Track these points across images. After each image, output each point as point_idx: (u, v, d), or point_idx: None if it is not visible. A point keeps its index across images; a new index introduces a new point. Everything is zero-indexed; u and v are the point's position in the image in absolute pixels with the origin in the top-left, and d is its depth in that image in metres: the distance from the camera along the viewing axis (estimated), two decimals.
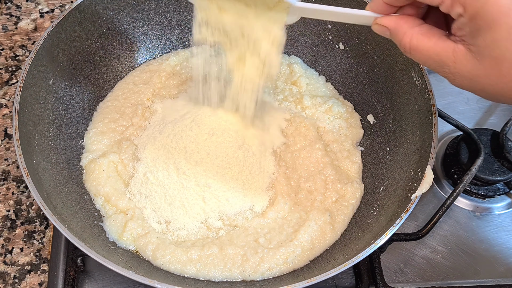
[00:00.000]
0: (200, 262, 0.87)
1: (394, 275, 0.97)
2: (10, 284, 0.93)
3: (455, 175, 1.06)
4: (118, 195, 0.94)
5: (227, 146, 0.94)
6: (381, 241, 0.78)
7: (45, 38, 0.91)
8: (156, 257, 0.88)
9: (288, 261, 0.88)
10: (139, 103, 1.06)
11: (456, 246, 1.01)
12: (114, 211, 0.93)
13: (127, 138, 1.01)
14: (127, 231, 0.90)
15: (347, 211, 0.94)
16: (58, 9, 1.29)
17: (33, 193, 0.78)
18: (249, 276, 0.87)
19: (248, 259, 0.87)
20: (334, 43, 1.10)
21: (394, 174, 0.94)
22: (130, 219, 0.92)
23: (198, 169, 0.92)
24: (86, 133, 1.02)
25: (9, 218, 1.00)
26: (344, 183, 0.97)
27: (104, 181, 0.95)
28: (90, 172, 0.96)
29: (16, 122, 0.82)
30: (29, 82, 0.88)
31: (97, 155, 0.98)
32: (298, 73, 1.11)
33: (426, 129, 0.89)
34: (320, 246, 0.91)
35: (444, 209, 0.92)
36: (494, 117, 1.17)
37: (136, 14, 1.08)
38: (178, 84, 1.09)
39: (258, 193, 0.95)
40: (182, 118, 0.97)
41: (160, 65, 1.11)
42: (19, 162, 0.79)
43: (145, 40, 1.12)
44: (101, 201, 0.94)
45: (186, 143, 0.93)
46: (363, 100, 1.07)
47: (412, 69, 0.94)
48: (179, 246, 0.89)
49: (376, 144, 1.02)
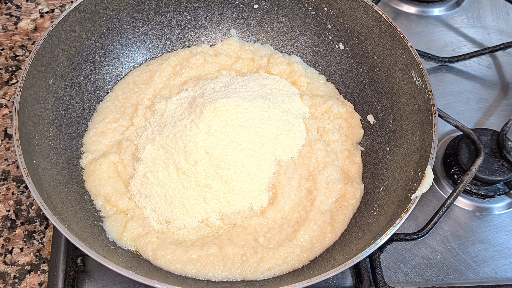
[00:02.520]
0: (200, 262, 0.88)
1: (394, 275, 0.97)
2: (10, 284, 0.93)
3: (455, 175, 1.06)
4: (118, 195, 0.94)
5: (226, 146, 0.94)
6: (381, 241, 0.78)
7: (45, 38, 0.91)
8: (157, 257, 0.88)
9: (288, 261, 0.88)
10: (140, 103, 1.06)
11: (456, 246, 1.01)
12: (114, 211, 0.93)
13: (127, 138, 1.01)
14: (127, 231, 0.90)
15: (347, 211, 0.94)
16: (58, 9, 1.29)
17: (33, 193, 0.78)
18: (249, 276, 0.87)
19: (247, 258, 0.88)
20: (334, 43, 1.10)
21: (394, 174, 0.94)
22: (130, 219, 0.92)
23: (198, 169, 0.92)
24: (86, 133, 1.02)
25: (9, 218, 1.00)
26: (344, 183, 0.97)
27: (104, 181, 0.95)
28: (91, 172, 0.96)
29: (16, 122, 0.82)
30: (29, 82, 0.88)
31: (97, 156, 0.98)
32: (298, 72, 1.11)
33: (426, 129, 0.89)
34: (320, 246, 0.91)
35: (444, 209, 0.93)
36: (494, 117, 1.17)
37: (136, 14, 1.08)
38: (179, 84, 1.09)
39: (257, 193, 0.95)
40: (181, 118, 0.97)
41: (160, 65, 1.11)
42: (19, 162, 0.79)
43: (145, 40, 1.12)
44: (101, 201, 0.94)
45: (186, 143, 0.93)
46: (363, 100, 1.07)
47: (412, 69, 0.94)
48: (179, 246, 0.90)
49: (376, 144, 1.02)
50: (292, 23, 1.13)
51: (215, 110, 0.95)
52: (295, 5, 1.10)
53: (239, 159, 0.94)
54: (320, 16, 1.09)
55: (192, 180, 0.92)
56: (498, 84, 1.23)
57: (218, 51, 1.15)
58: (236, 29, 1.16)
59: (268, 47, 1.16)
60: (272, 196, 0.96)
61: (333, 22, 1.08)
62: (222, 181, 0.92)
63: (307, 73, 1.13)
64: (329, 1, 1.06)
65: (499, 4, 1.36)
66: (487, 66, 1.26)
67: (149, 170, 0.95)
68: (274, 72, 1.11)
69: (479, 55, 1.23)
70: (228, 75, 1.11)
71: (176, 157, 0.93)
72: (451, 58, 1.22)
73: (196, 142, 0.93)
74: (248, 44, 1.16)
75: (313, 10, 1.09)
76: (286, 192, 0.95)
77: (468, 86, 1.22)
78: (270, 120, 0.98)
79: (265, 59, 1.14)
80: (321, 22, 1.10)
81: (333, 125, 1.05)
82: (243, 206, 0.94)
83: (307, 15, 1.10)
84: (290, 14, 1.12)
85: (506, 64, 1.26)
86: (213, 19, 1.15)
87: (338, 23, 1.07)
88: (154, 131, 0.99)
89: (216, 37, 1.17)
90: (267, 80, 1.08)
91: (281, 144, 0.99)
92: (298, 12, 1.11)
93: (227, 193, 0.93)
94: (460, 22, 1.33)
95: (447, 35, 1.31)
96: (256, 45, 1.16)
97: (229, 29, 1.16)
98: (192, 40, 1.16)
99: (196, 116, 0.95)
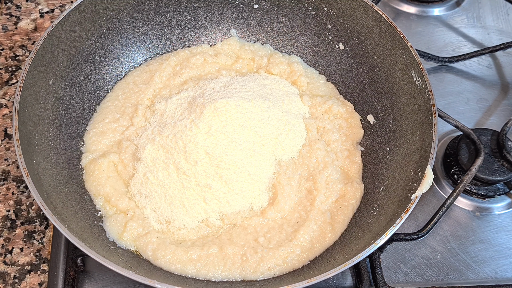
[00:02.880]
0: (200, 262, 0.87)
1: (394, 275, 0.97)
2: (10, 284, 0.93)
3: (455, 175, 1.06)
4: (118, 195, 0.94)
5: (227, 146, 0.94)
6: (381, 241, 0.78)
7: (45, 38, 0.91)
8: (157, 257, 0.88)
9: (288, 261, 0.88)
10: (140, 103, 1.06)
11: (456, 246, 1.01)
12: (114, 211, 0.93)
13: (127, 138, 1.01)
14: (127, 231, 0.90)
15: (347, 211, 0.94)
16: (58, 9, 1.29)
17: (33, 193, 0.78)
18: (249, 276, 0.87)
19: (247, 258, 0.88)
20: (334, 43, 1.10)
21: (394, 174, 0.94)
22: (131, 219, 0.92)
23: (198, 169, 0.92)
24: (86, 133, 1.02)
25: (9, 218, 1.00)
26: (344, 183, 0.97)
27: (104, 181, 0.95)
28: (90, 172, 0.96)
29: (16, 122, 0.82)
30: (29, 82, 0.88)
31: (97, 155, 0.98)
32: (298, 72, 1.11)
33: (426, 129, 0.89)
34: (319, 246, 0.91)
35: (444, 209, 0.93)
36: (494, 117, 1.17)
37: (136, 14, 1.08)
38: (179, 84, 1.09)
39: (257, 193, 0.95)
40: (181, 118, 0.97)
41: (160, 65, 1.11)
42: (19, 162, 0.79)
43: (145, 40, 1.12)
44: (101, 201, 0.94)
45: (186, 143, 0.93)
46: (363, 100, 1.07)
47: (412, 69, 0.94)
48: (179, 246, 0.90)
49: (376, 144, 1.02)
50: (292, 23, 1.13)
51: (215, 110, 0.95)
52: (295, 5, 1.10)
53: (239, 159, 0.94)
54: (320, 16, 1.09)
55: (192, 180, 0.92)
56: (498, 84, 1.23)
57: (218, 51, 1.15)
58: (236, 29, 1.16)
59: (268, 47, 1.16)
60: (272, 196, 0.96)
61: (333, 22, 1.08)
62: (222, 181, 0.92)
63: (307, 73, 1.13)
64: (329, 1, 1.06)
65: (499, 4, 1.36)
66: (487, 66, 1.26)
67: (149, 170, 0.95)
68: (274, 72, 1.11)
69: (479, 55, 1.23)
70: (228, 75, 1.11)
71: (176, 157, 0.93)
72: (451, 58, 1.22)
73: (196, 142, 0.93)
74: (248, 44, 1.16)
75: (313, 10, 1.09)
76: (286, 192, 0.95)
77: (468, 86, 1.22)
78: (270, 120, 0.98)
79: (265, 59, 1.14)
80: (321, 22, 1.10)
81: (333, 125, 1.05)
82: (243, 206, 0.94)
83: (307, 15, 1.10)
84: (290, 14, 1.12)
85: (506, 64, 1.26)
86: (213, 19, 1.15)
87: (338, 23, 1.07)
88: (154, 131, 0.99)
89: (216, 37, 1.17)
90: (267, 80, 1.08)
91: (281, 144, 0.99)
92: (298, 12, 1.11)
93: (227, 193, 0.93)
94: (460, 22, 1.33)
95: (447, 35, 1.31)
96: (256, 45, 1.16)
97: (229, 29, 1.16)
98: (192, 40, 1.16)
99: (196, 116, 0.95)
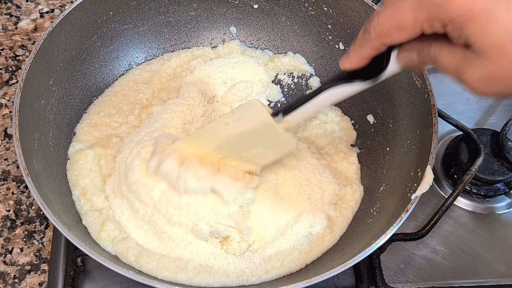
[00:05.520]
0: (192, 270, 0.83)
1: (394, 275, 0.97)
2: (10, 284, 0.93)
3: (455, 175, 1.06)
4: (95, 190, 0.91)
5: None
6: (381, 241, 0.78)
7: (45, 38, 0.91)
8: (141, 264, 0.83)
9: (285, 264, 0.87)
10: (137, 102, 1.05)
11: (456, 246, 1.01)
12: (89, 207, 0.90)
13: (118, 135, 0.99)
14: (104, 230, 0.87)
15: (347, 214, 0.94)
16: (58, 9, 1.29)
17: (33, 193, 0.78)
18: (247, 280, 0.85)
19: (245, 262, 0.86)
20: (334, 43, 1.10)
21: (394, 174, 0.94)
22: (107, 219, 0.88)
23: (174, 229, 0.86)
24: (79, 123, 1.01)
25: (9, 218, 1.00)
26: (343, 185, 0.97)
27: (85, 173, 0.92)
28: (75, 161, 0.94)
29: (16, 122, 0.82)
30: (29, 82, 0.88)
31: (85, 146, 0.97)
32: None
33: (426, 129, 0.89)
34: (318, 249, 0.90)
35: (444, 209, 0.92)
36: (494, 117, 1.17)
37: (136, 14, 1.08)
38: (178, 86, 1.08)
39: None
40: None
41: (162, 66, 1.11)
42: (19, 162, 0.79)
43: (145, 40, 1.12)
44: (78, 192, 0.91)
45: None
46: (363, 100, 1.07)
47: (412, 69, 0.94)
48: (165, 256, 0.85)
49: (376, 144, 1.02)
50: (292, 23, 1.13)
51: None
52: (295, 5, 1.10)
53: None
54: (320, 16, 1.09)
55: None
56: None
57: (219, 54, 1.15)
58: (236, 29, 1.16)
59: (268, 53, 1.16)
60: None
61: (333, 22, 1.08)
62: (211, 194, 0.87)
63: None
64: (329, 1, 1.06)
65: None
66: None
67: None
68: None
69: None
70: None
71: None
72: None
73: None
74: (250, 50, 1.16)
75: (313, 10, 1.09)
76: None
77: None
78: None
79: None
80: (321, 22, 1.10)
81: (324, 129, 1.05)
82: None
83: (307, 15, 1.10)
84: (290, 14, 1.12)
85: None
86: (213, 19, 1.15)
87: (338, 23, 1.07)
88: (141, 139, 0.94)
89: (216, 37, 1.17)
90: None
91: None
92: (298, 12, 1.11)
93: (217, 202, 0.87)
94: None
95: None
96: (258, 52, 1.16)
97: (228, 29, 1.16)
98: (192, 40, 1.16)
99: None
